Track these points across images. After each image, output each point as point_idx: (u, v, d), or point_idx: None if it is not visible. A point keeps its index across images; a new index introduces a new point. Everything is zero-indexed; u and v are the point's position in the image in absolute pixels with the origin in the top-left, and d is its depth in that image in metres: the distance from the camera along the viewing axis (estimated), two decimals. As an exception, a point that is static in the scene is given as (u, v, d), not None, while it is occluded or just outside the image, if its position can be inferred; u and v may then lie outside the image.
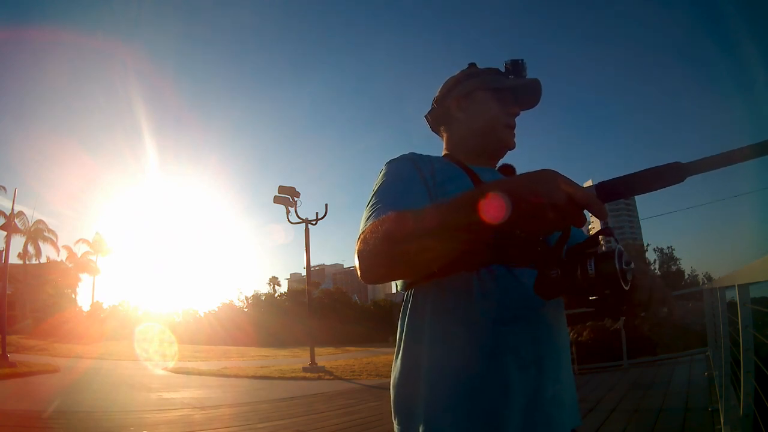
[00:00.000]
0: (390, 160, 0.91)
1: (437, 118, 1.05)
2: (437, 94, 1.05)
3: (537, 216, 0.54)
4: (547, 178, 0.55)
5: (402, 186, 0.83)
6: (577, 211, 0.55)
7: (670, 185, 0.62)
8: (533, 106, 1.01)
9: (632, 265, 0.60)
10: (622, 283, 0.57)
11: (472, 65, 1.03)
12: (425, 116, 1.08)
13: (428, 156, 0.93)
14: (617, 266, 0.57)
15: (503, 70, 0.99)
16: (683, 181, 0.61)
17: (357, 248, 0.72)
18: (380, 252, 0.67)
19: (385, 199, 0.79)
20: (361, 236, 0.72)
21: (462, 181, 0.87)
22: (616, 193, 0.62)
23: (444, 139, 1.04)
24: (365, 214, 0.80)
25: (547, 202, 0.53)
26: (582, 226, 0.58)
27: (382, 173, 0.88)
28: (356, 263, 0.71)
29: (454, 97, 1.00)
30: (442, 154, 1.02)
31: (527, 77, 0.98)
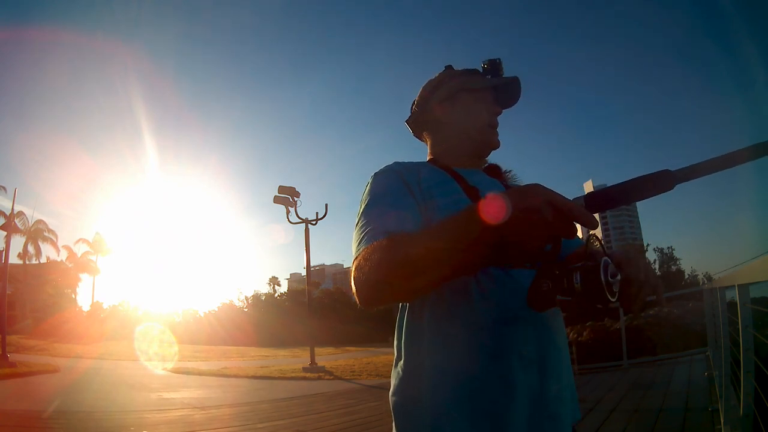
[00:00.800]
0: (375, 174, 0.89)
1: (419, 124, 1.04)
2: (417, 98, 1.03)
3: (526, 228, 0.55)
4: (534, 191, 0.56)
5: (390, 201, 0.81)
6: (565, 222, 0.56)
7: (659, 194, 0.63)
8: (513, 104, 1.01)
9: (618, 277, 0.60)
10: (609, 296, 0.58)
11: (449, 68, 1.02)
12: (406, 122, 1.06)
13: (413, 163, 0.92)
14: (603, 279, 0.58)
15: (481, 70, 0.99)
16: (672, 189, 0.62)
17: (353, 275, 0.72)
18: (376, 280, 0.68)
19: (374, 220, 0.78)
20: (355, 262, 0.73)
21: (449, 185, 0.87)
22: (605, 202, 0.63)
23: (428, 143, 1.02)
24: (356, 236, 0.78)
25: (535, 216, 0.54)
26: (572, 238, 0.59)
27: (367, 188, 0.87)
28: (354, 290, 0.72)
29: (437, 100, 0.99)
30: (427, 159, 1.01)
31: (504, 76, 0.98)
